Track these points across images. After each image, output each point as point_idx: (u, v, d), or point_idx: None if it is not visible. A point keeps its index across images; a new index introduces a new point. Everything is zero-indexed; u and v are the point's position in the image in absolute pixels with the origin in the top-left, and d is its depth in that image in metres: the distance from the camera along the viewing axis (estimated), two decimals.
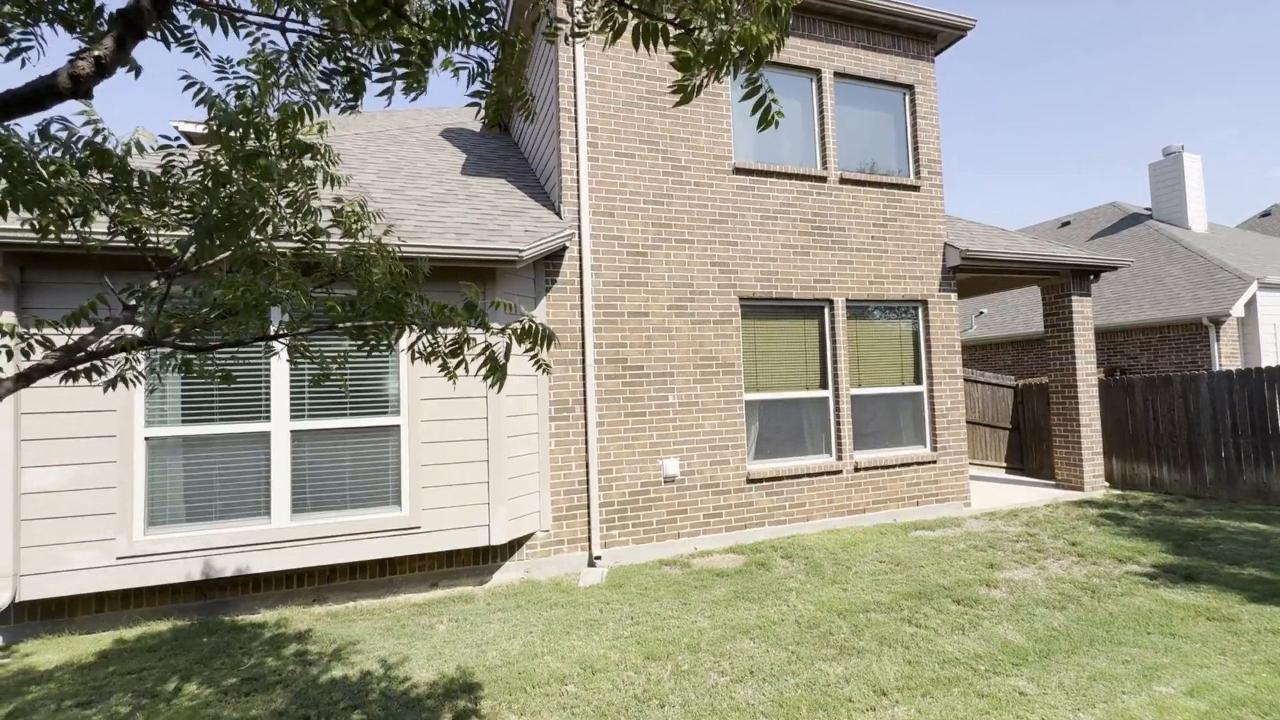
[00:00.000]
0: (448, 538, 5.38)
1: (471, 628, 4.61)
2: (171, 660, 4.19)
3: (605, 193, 6.49)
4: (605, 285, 6.42)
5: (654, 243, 6.64)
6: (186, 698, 3.65)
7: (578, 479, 6.19)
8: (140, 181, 2.09)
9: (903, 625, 4.38)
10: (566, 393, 6.21)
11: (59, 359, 1.67)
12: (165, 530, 4.80)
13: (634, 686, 3.60)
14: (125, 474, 4.68)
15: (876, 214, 7.73)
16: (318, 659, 4.15)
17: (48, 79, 1.15)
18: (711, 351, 6.78)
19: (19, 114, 1.13)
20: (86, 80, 1.17)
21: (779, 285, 7.15)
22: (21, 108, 1.13)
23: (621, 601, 5.04)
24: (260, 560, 4.94)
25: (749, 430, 7.01)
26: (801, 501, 7.05)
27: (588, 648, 4.15)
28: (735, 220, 7.01)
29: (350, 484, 5.24)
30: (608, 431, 6.30)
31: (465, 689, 3.65)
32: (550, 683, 3.67)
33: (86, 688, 3.82)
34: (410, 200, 6.16)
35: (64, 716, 3.48)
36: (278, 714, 3.41)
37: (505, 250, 5.43)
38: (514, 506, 5.65)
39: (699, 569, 5.84)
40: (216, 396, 4.96)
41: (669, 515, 6.47)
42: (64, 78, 1.16)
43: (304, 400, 5.13)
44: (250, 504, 5.00)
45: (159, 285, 2.09)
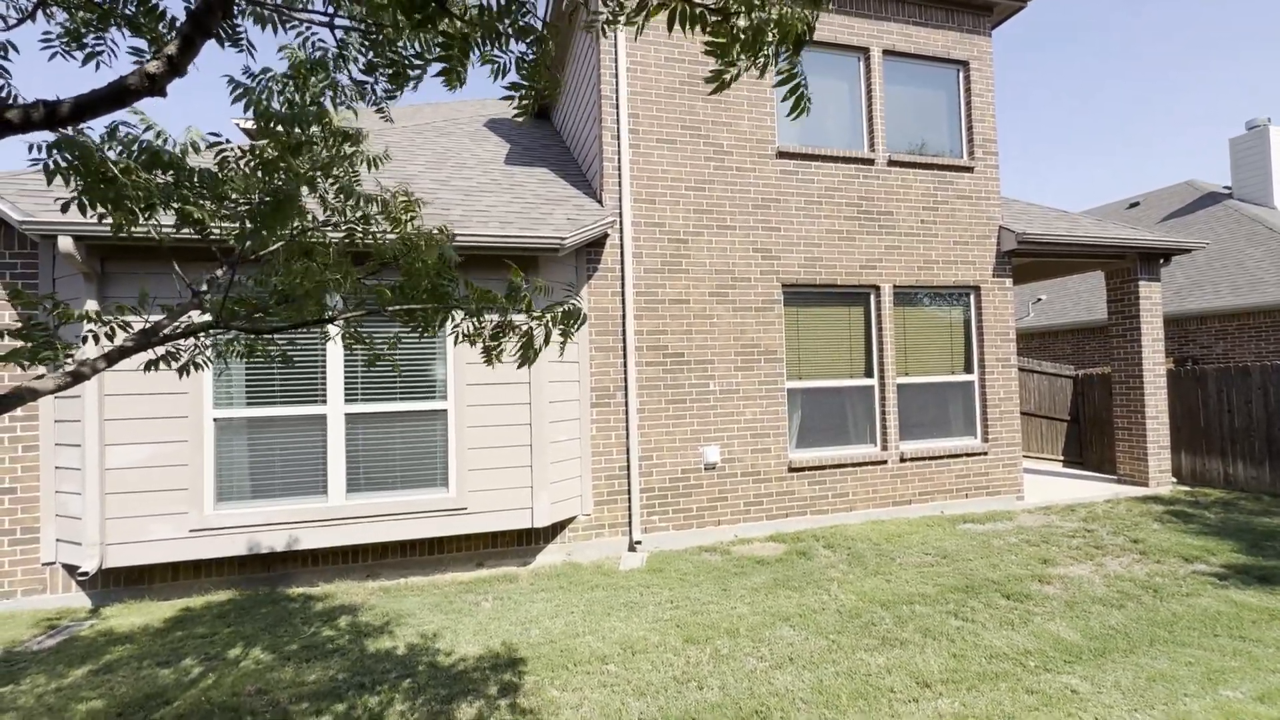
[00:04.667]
0: (492, 519, 5.54)
1: (515, 606, 4.74)
2: (238, 627, 4.47)
3: (646, 180, 6.48)
4: (646, 272, 6.42)
5: (695, 229, 6.60)
6: (251, 662, 3.89)
7: (618, 465, 6.25)
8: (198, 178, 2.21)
9: (948, 618, 4.29)
10: (608, 379, 6.27)
11: (137, 341, 1.80)
12: (232, 506, 5.10)
13: (673, 668, 3.65)
14: (196, 453, 4.99)
15: (926, 197, 7.47)
16: (371, 631, 4.35)
17: (126, 78, 1.24)
18: (753, 339, 6.72)
19: (103, 112, 1.22)
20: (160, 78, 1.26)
21: (823, 272, 7.01)
22: (105, 106, 1.22)
23: (661, 586, 5.09)
24: (317, 536, 5.20)
25: (791, 418, 6.93)
26: (844, 491, 6.94)
27: (628, 629, 4.22)
28: (778, 206, 6.89)
29: (400, 466, 5.45)
30: (648, 418, 6.34)
31: (509, 664, 3.77)
32: (591, 661, 3.75)
33: (162, 649, 4.13)
34: (456, 190, 6.30)
35: (143, 674, 3.76)
36: (334, 680, 3.60)
37: (548, 238, 5.50)
38: (556, 490, 5.76)
39: (739, 556, 5.84)
40: (277, 381, 5.23)
41: (709, 502, 6.48)
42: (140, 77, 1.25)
43: (357, 385, 5.35)
44: (308, 483, 5.25)
45: (223, 273, 2.21)
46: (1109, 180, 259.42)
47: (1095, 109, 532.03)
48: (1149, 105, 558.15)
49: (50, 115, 1.19)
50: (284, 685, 3.56)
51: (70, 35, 2.14)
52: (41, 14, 2.03)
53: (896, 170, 7.37)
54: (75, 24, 2.11)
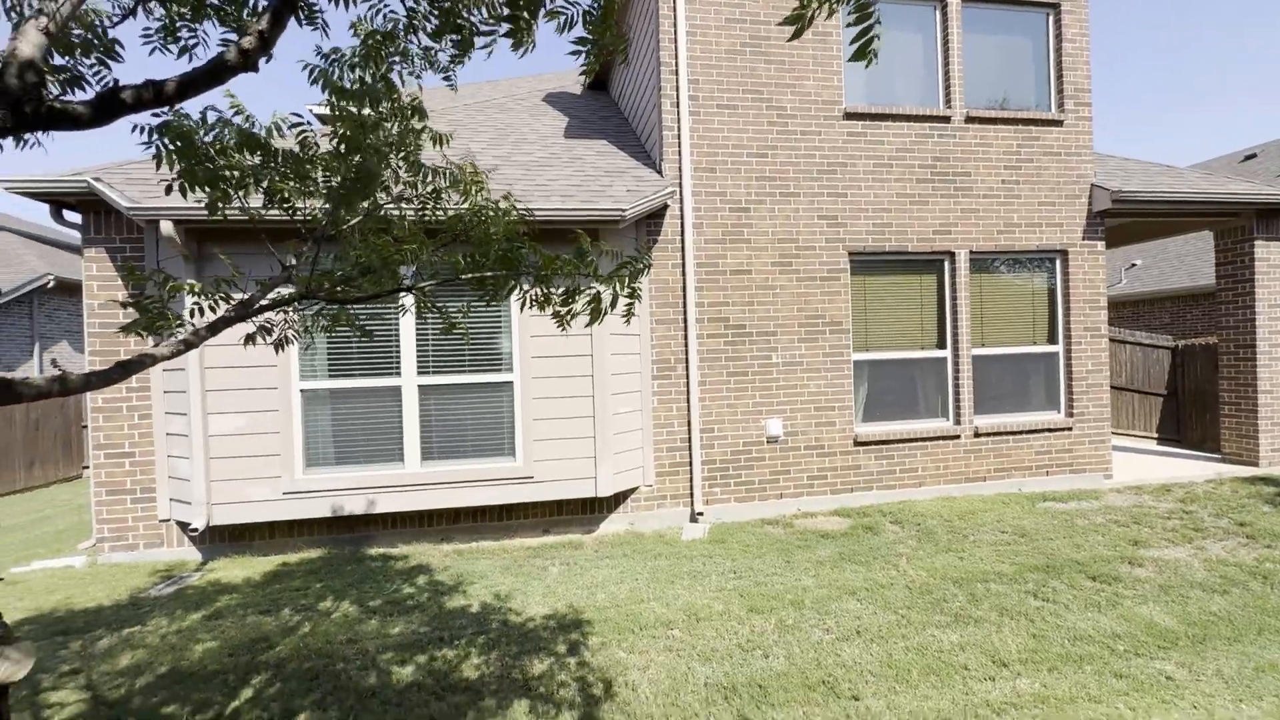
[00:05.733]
0: (557, 488, 5.69)
1: (581, 572, 4.88)
2: (327, 582, 4.81)
3: (707, 148, 6.34)
4: (707, 243, 6.33)
5: (757, 197, 6.43)
6: (340, 614, 4.19)
7: (680, 437, 6.27)
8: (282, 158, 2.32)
9: (1027, 598, 4.11)
10: (668, 351, 6.26)
11: (236, 311, 1.93)
12: (320, 471, 5.46)
13: (737, 636, 3.67)
14: (286, 421, 5.35)
15: (1009, 154, 6.97)
16: (446, 590, 4.59)
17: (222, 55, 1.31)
18: (818, 309, 6.53)
19: (204, 89, 1.29)
20: (253, 54, 1.31)
21: (893, 238, 6.69)
22: (205, 83, 1.29)
23: (724, 556, 5.11)
24: (395, 501, 5.50)
25: (857, 391, 6.73)
26: (913, 466, 6.71)
27: (691, 597, 4.28)
28: (845, 170, 6.61)
29: (470, 435, 5.66)
30: (709, 391, 6.31)
31: (576, 625, 3.90)
32: (656, 626, 3.83)
33: (263, 599, 4.50)
34: (517, 165, 6.36)
35: (248, 621, 4.12)
36: (416, 633, 3.84)
37: (608, 211, 5.49)
38: (619, 461, 5.85)
39: (802, 529, 5.78)
40: (356, 354, 5.51)
41: (771, 475, 6.42)
42: (235, 53, 1.31)
43: (429, 358, 5.57)
44: (386, 450, 5.55)
45: (309, 248, 2.32)
46: (1228, 132, 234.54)
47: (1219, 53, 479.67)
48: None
49: (158, 94, 1.27)
50: (371, 636, 3.82)
51: (166, 29, 2.26)
52: (141, 10, 2.16)
53: (975, 127, 6.90)
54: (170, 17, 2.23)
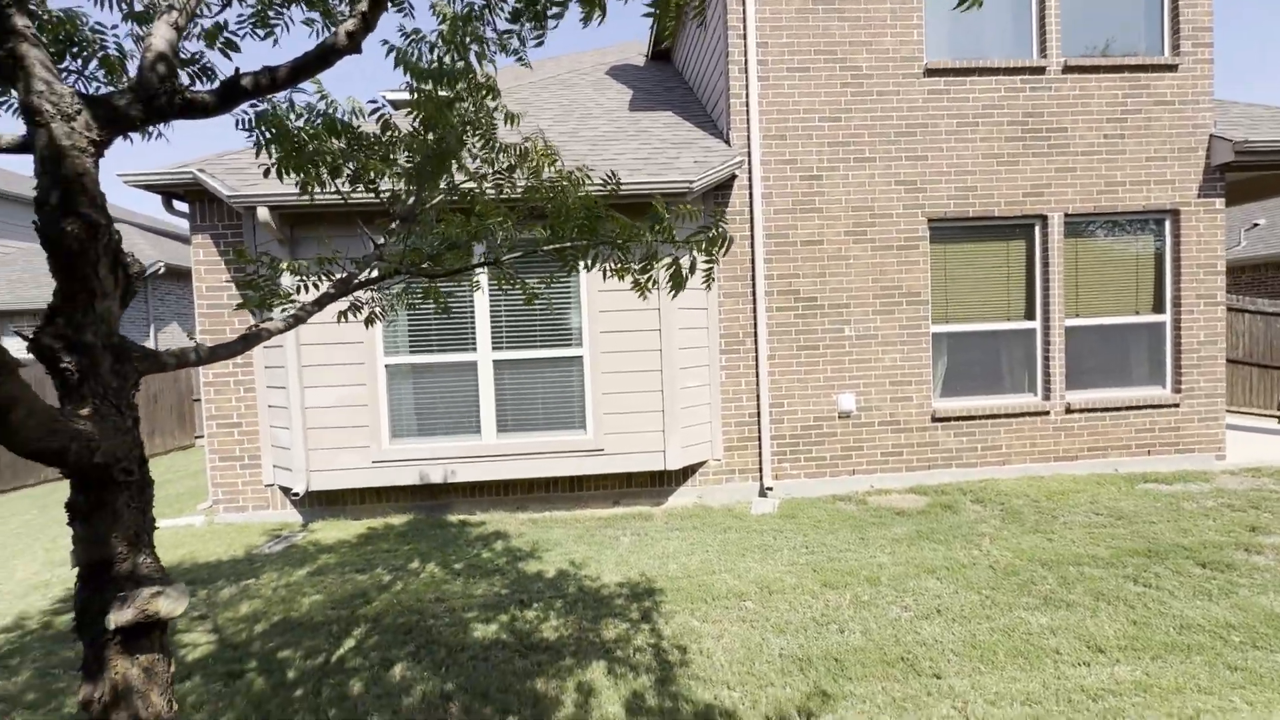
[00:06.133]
0: (627, 461, 5.79)
1: (652, 542, 4.97)
2: (414, 545, 5.12)
3: (776, 114, 6.13)
4: (776, 213, 6.16)
5: (830, 164, 6.18)
6: (427, 575, 4.45)
7: (748, 411, 6.22)
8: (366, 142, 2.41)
9: (1126, 583, 3.86)
10: (737, 325, 6.19)
11: (337, 288, 2.05)
12: (404, 441, 5.78)
13: (811, 610, 3.66)
14: (373, 395, 5.67)
15: (1112, 106, 6.37)
16: (523, 555, 4.79)
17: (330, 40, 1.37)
18: (894, 280, 6.26)
19: (314, 73, 1.37)
20: (357, 34, 1.37)
21: (977, 203, 6.29)
22: (315, 67, 1.36)
23: (794, 531, 5.07)
24: (473, 470, 5.76)
25: (935, 365, 6.44)
26: (997, 444, 6.39)
27: (763, 570, 4.28)
28: (925, 131, 6.24)
29: (543, 408, 5.83)
30: (779, 364, 6.20)
31: (649, 593, 3.99)
32: (729, 597, 3.86)
33: (358, 559, 4.84)
34: (583, 141, 6.38)
35: (346, 578, 4.45)
36: (497, 595, 4.03)
37: (675, 183, 5.43)
38: (687, 435, 5.88)
39: (876, 506, 5.64)
40: (434, 331, 5.75)
41: (843, 451, 6.28)
42: (342, 36, 1.37)
43: (502, 333, 5.74)
44: (464, 422, 5.80)
45: (396, 227, 2.42)
46: None
47: None
48: None
49: (273, 81, 1.35)
50: (456, 596, 4.05)
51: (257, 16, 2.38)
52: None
53: (1073, 78, 6.34)
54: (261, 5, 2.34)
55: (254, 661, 3.32)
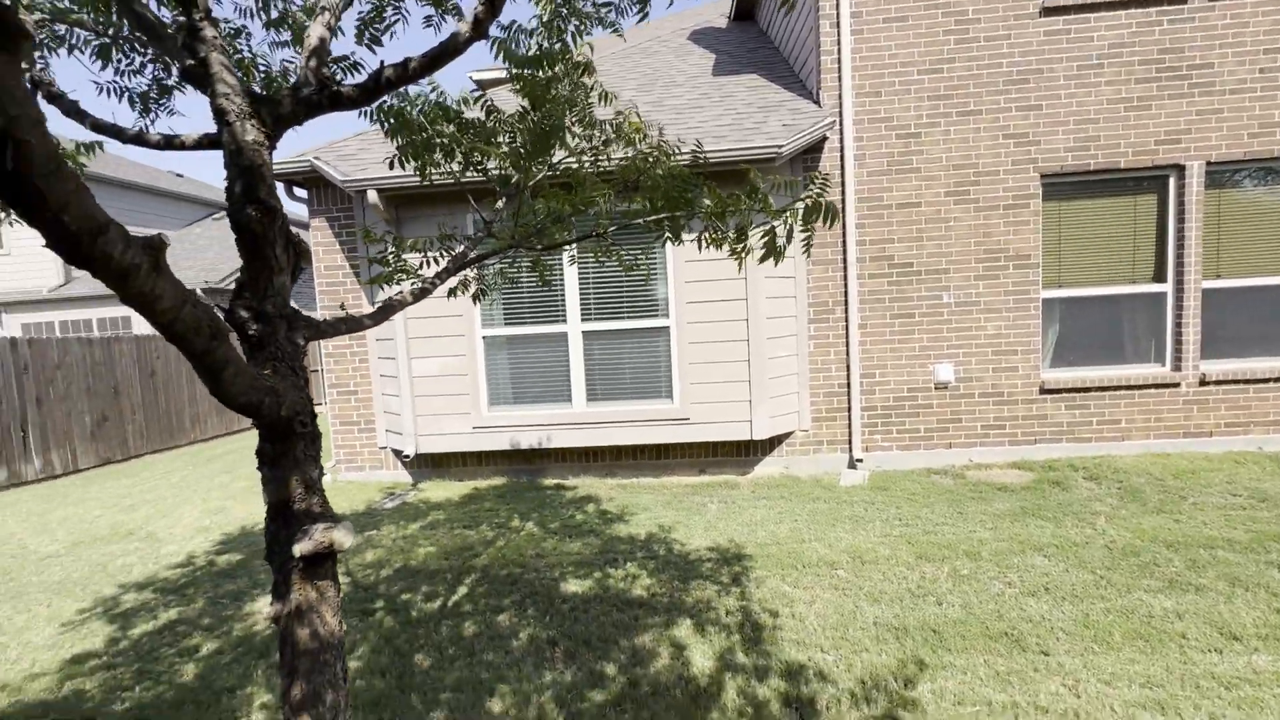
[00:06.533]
0: (713, 430, 5.84)
1: (739, 510, 5.04)
2: (512, 505, 5.45)
3: (870, 69, 5.81)
4: (869, 175, 5.89)
5: (929, 120, 5.81)
6: (526, 533, 4.75)
7: (838, 381, 6.09)
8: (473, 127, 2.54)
9: (1268, 569, 3.52)
10: (826, 294, 6.03)
11: (454, 264, 2.21)
12: (500, 409, 6.12)
13: (906, 581, 3.60)
14: (472, 365, 6.03)
15: (1271, 33, 5.56)
16: (613, 518, 4.99)
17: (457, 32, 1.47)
18: (999, 242, 5.85)
19: (445, 62, 1.48)
20: (484, 22, 1.47)
21: (1099, 154, 5.73)
22: (446, 57, 1.47)
23: (887, 503, 4.97)
24: (564, 437, 6.02)
25: (1045, 332, 6.01)
26: (1115, 418, 5.91)
27: (854, 540, 4.24)
28: (1040, 77, 5.71)
29: (630, 378, 5.97)
30: (870, 334, 6.00)
31: (738, 558, 4.07)
32: (819, 565, 3.87)
33: (464, 516, 5.23)
34: (667, 110, 6.34)
35: (455, 533, 4.83)
36: (591, 553, 4.25)
37: (762, 149, 5.31)
38: (774, 405, 5.85)
39: (975, 481, 5.40)
40: (526, 304, 6.00)
41: (939, 423, 6.03)
42: (469, 25, 1.47)
43: (591, 306, 5.90)
44: (556, 391, 6.05)
45: (503, 205, 2.56)
46: None
47: None
48: None
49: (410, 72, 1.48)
50: (553, 553, 4.30)
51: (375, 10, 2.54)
52: None
53: (1221, 5, 5.57)
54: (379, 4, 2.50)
55: (381, 602, 3.70)
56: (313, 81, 1.40)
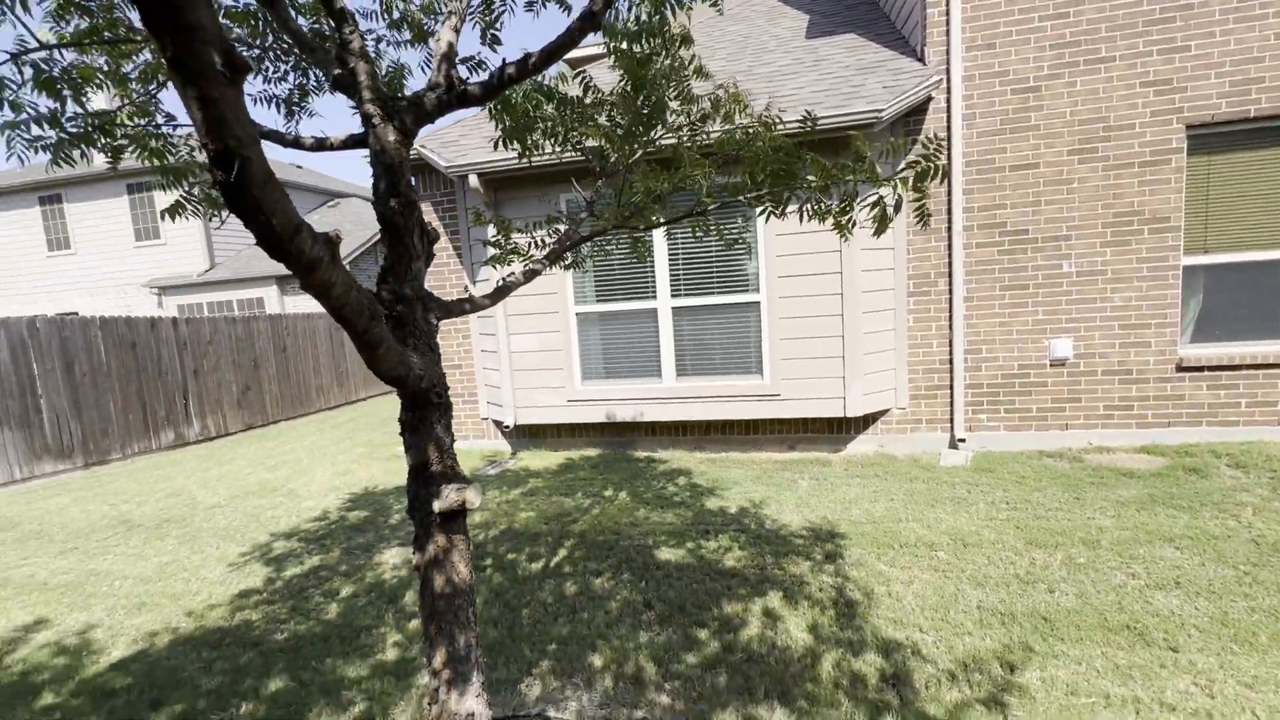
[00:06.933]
0: (804, 406, 5.76)
1: (831, 488, 4.97)
2: (605, 476, 5.67)
3: (984, 19, 5.36)
4: (980, 136, 5.48)
5: (1050, 71, 5.30)
6: (620, 502, 4.94)
7: (939, 358, 5.80)
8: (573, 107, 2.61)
9: None
10: (928, 265, 5.72)
11: (560, 244, 2.33)
12: (592, 383, 6.34)
13: (1014, 566, 3.45)
14: (565, 341, 6.27)
15: None
16: (704, 491, 5.08)
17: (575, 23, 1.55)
18: (1132, 204, 5.29)
19: (561, 55, 1.56)
20: (600, 12, 1.53)
21: (1264, 97, 5.00)
22: (561, 51, 1.56)
23: (992, 486, 4.73)
24: (654, 411, 6.15)
25: (1185, 304, 5.40)
26: (1270, 399, 5.25)
27: (956, 522, 4.09)
28: (1189, 14, 5.04)
29: (719, 354, 5.99)
30: (977, 307, 5.65)
31: (831, 535, 4.04)
32: (918, 546, 3.78)
33: (560, 485, 5.51)
34: (759, 78, 6.17)
35: (552, 500, 5.11)
36: (683, 524, 4.37)
37: (861, 114, 5.08)
38: (869, 382, 5.67)
39: (1096, 465, 5.01)
40: (617, 280, 6.13)
41: (1054, 403, 5.61)
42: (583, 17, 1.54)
43: (680, 282, 5.94)
44: (646, 366, 6.18)
45: (603, 184, 2.64)
46: None
47: None
48: None
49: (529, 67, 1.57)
50: (646, 522, 4.46)
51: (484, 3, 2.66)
52: None
53: None
54: None
55: (490, 560, 4.01)
56: (443, 83, 1.53)
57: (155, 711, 2.68)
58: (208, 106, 0.78)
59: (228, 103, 0.80)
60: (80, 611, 3.73)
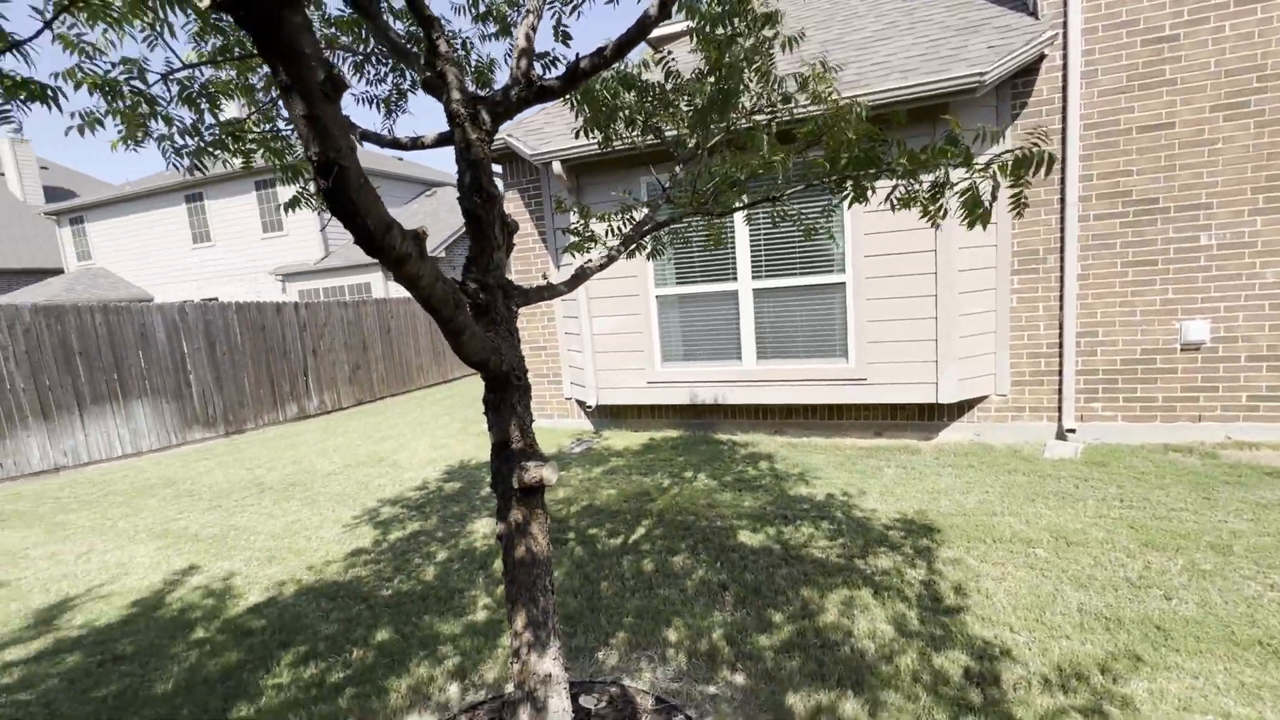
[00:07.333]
0: (892, 391, 5.53)
1: (920, 477, 4.76)
2: (685, 457, 5.73)
3: None
4: (1101, 95, 4.95)
5: (1191, 17, 4.68)
6: (700, 483, 4.98)
7: (1046, 341, 5.36)
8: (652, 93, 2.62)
9: None
10: (1036, 240, 5.27)
11: (635, 231, 2.37)
12: (673, 365, 6.39)
13: (1125, 569, 3.18)
14: (645, 323, 6.34)
15: None
16: (785, 476, 5.02)
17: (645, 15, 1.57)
18: None
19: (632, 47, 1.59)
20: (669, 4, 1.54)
21: None
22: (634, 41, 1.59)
23: (1105, 481, 4.35)
24: (734, 394, 6.12)
25: None
26: None
27: (1059, 519, 3.81)
28: None
29: (802, 336, 5.85)
30: (1094, 285, 5.15)
31: (920, 528, 3.88)
32: (1014, 542, 3.56)
33: (640, 464, 5.63)
34: (848, 46, 5.87)
35: (633, 479, 5.23)
36: (763, 509, 4.35)
37: (961, 79, 4.72)
38: (964, 367, 5.34)
39: (1234, 463, 4.48)
40: (697, 263, 6.11)
41: (1185, 391, 5.04)
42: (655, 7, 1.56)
43: (762, 263, 5.84)
44: (726, 349, 6.14)
45: (680, 169, 2.64)
46: None
47: None
48: None
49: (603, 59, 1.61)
50: (725, 505, 4.48)
51: None
52: None
53: None
54: None
55: (572, 534, 4.20)
56: (521, 80, 1.60)
57: (284, 650, 3.05)
58: (312, 122, 0.87)
59: (329, 118, 0.90)
60: (224, 560, 4.28)
